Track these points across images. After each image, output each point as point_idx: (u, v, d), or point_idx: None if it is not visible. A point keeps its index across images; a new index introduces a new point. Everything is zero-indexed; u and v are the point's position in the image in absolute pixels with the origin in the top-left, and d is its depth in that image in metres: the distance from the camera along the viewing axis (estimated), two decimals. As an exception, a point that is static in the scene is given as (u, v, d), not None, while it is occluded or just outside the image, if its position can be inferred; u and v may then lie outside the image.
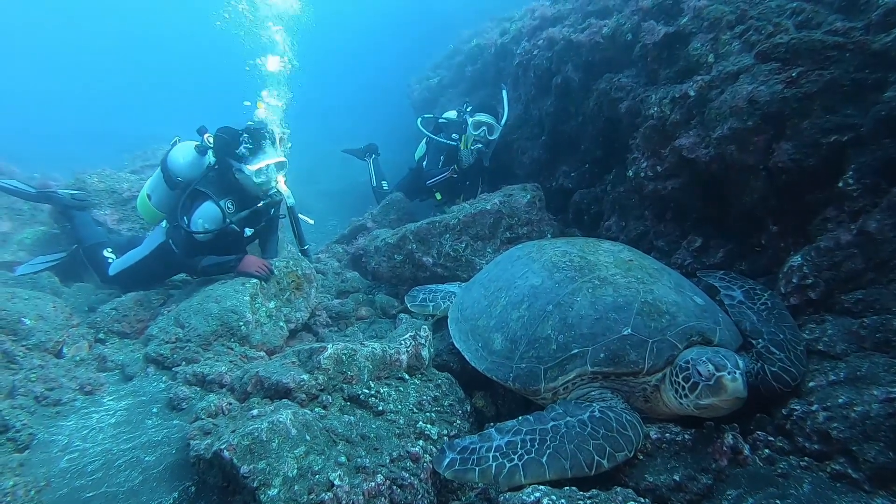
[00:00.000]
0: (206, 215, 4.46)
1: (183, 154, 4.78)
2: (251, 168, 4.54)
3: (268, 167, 4.63)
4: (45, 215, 5.98)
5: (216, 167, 4.68)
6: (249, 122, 4.70)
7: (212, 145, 4.70)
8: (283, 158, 4.76)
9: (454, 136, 7.09)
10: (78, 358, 3.69)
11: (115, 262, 5.03)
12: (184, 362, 3.53)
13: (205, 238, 4.49)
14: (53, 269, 5.17)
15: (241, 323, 3.83)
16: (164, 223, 4.95)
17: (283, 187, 4.79)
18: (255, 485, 2.06)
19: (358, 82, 24.90)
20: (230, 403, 2.83)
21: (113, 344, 4.04)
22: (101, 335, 4.10)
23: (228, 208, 4.56)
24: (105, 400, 3.26)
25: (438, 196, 7.40)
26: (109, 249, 5.21)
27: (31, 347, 3.56)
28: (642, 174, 4.12)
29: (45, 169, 8.59)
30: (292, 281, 4.43)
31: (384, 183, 8.81)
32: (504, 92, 6.91)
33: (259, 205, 4.71)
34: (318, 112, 20.69)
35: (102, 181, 6.23)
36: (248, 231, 4.77)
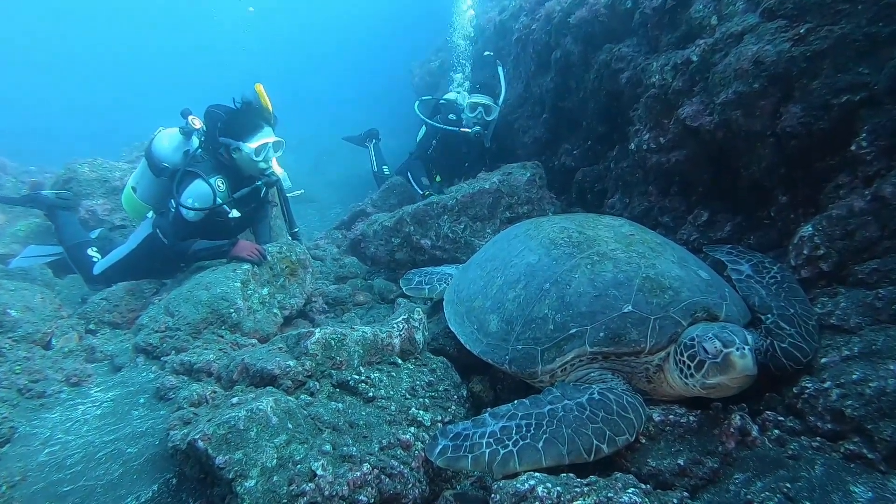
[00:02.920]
0: (195, 193, 4.28)
1: (168, 139, 4.64)
2: (251, 146, 4.41)
3: (265, 146, 4.50)
4: (40, 208, 5.91)
5: (205, 146, 4.53)
6: (245, 100, 4.55)
7: (196, 128, 4.56)
8: (280, 139, 4.63)
9: (451, 116, 6.95)
10: (66, 349, 3.60)
11: (101, 261, 4.87)
12: (173, 351, 3.43)
13: (194, 218, 4.32)
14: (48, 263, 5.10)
15: (232, 310, 3.72)
16: (150, 214, 4.81)
17: (277, 168, 4.66)
18: (230, 476, 1.95)
19: (364, 72, 24.86)
20: (214, 392, 2.73)
21: (104, 334, 3.96)
22: (91, 326, 4.02)
23: (219, 186, 4.40)
24: (92, 391, 3.17)
25: (438, 178, 7.28)
26: (94, 248, 5.06)
27: (18, 339, 3.47)
28: (645, 147, 3.97)
29: (43, 163, 8.57)
30: (286, 267, 4.32)
31: (385, 168, 8.69)
32: (500, 69, 6.75)
33: (258, 183, 4.61)
34: (325, 103, 20.66)
35: (94, 170, 6.14)
36: (236, 213, 4.59)
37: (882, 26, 2.48)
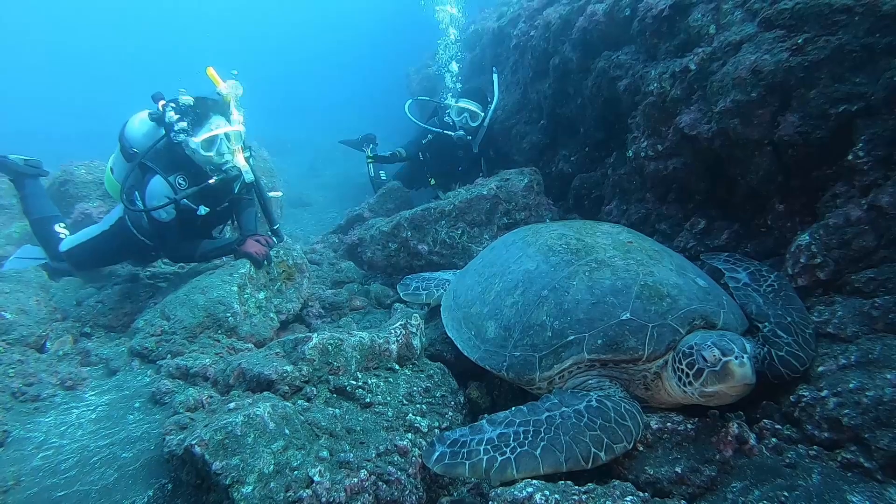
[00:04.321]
0: (155, 193, 4.03)
1: (139, 123, 4.33)
2: (196, 140, 4.02)
3: (218, 138, 4.09)
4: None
5: (166, 139, 4.17)
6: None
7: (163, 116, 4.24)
8: (235, 128, 4.16)
9: (446, 119, 6.97)
10: (61, 352, 3.58)
11: (69, 238, 4.70)
12: (169, 355, 3.41)
13: (167, 217, 4.10)
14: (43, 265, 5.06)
15: (229, 314, 3.70)
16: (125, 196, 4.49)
17: (241, 161, 4.22)
18: (227, 482, 1.94)
19: (362, 76, 24.89)
20: (210, 397, 2.72)
21: (99, 338, 3.94)
22: (86, 329, 4.00)
23: (179, 184, 4.09)
24: (87, 395, 3.15)
25: (433, 181, 7.29)
26: (62, 224, 4.93)
27: (12, 342, 3.47)
28: (643, 154, 3.97)
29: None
30: (283, 271, 4.31)
31: (382, 173, 8.68)
32: (495, 76, 6.77)
33: (211, 181, 4.11)
34: (322, 106, 20.66)
35: (90, 173, 6.12)
36: (203, 210, 4.22)
37: (879, 37, 2.50)
